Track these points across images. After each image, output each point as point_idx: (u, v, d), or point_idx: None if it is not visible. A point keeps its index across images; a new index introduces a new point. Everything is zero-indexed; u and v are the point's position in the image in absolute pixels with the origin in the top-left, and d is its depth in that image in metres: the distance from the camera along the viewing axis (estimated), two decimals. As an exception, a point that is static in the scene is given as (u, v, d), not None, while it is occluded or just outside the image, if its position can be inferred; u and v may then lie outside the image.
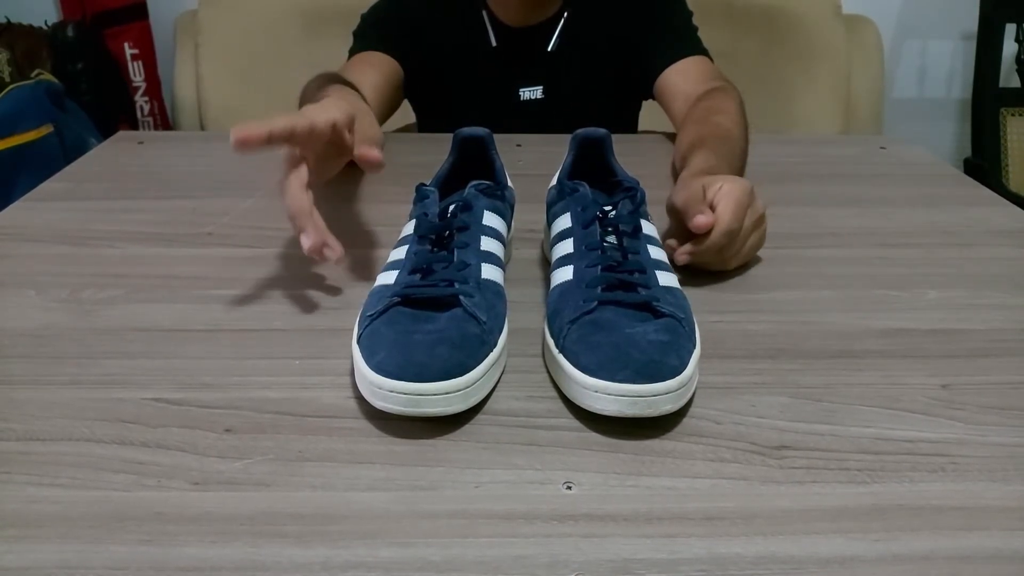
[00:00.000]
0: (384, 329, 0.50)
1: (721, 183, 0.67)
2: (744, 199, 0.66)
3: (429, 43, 1.08)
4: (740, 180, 0.68)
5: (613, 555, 0.40)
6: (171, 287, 0.65)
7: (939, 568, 0.40)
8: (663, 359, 0.48)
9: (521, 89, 1.11)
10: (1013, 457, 0.47)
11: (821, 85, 1.75)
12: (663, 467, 0.46)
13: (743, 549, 0.40)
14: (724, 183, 0.67)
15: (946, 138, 2.16)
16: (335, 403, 0.51)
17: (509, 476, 0.45)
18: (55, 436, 0.48)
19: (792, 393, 0.53)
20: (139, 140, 1.03)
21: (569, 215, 0.60)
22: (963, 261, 0.73)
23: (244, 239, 0.74)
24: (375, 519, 0.42)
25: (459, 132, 0.69)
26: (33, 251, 0.72)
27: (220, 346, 0.57)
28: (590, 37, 1.09)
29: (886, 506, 0.43)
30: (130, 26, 1.86)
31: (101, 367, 0.55)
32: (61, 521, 0.41)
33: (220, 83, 1.71)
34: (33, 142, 1.56)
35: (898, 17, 2.04)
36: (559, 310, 0.54)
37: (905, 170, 0.97)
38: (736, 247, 0.67)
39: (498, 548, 0.40)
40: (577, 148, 0.68)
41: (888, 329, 0.61)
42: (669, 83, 1.04)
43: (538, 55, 1.09)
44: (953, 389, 0.54)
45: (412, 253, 0.56)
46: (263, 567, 0.39)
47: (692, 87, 1.01)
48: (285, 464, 0.46)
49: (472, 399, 0.49)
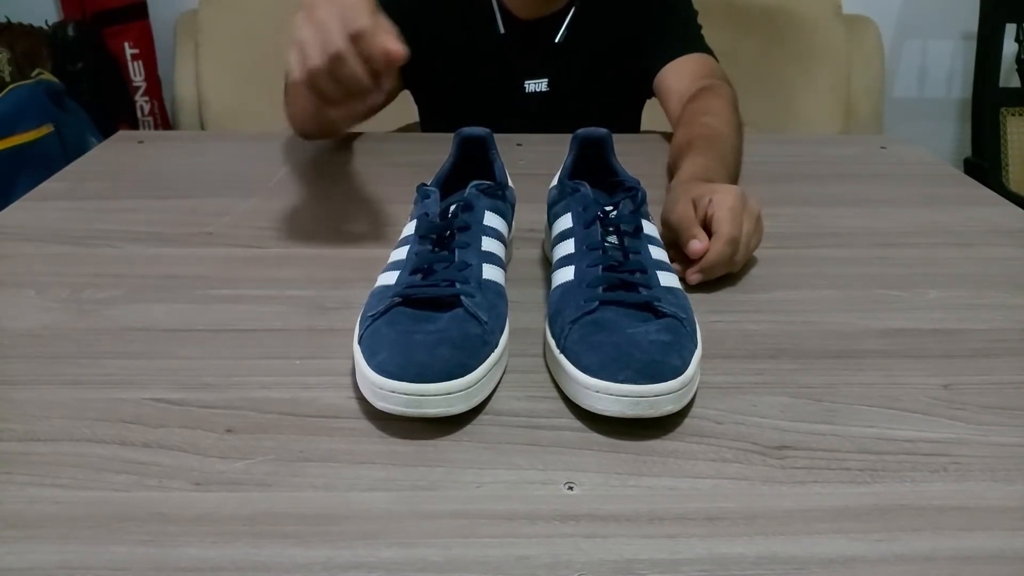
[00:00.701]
0: (385, 329, 0.50)
1: (710, 195, 0.67)
2: (737, 205, 0.66)
3: (435, 34, 1.08)
4: (729, 188, 0.68)
5: (615, 555, 0.40)
6: (171, 287, 0.65)
7: (941, 568, 0.40)
8: (664, 359, 0.48)
9: (527, 82, 1.11)
10: (1014, 457, 0.47)
11: (821, 85, 1.75)
12: (664, 467, 0.46)
13: (745, 549, 0.40)
14: (714, 195, 0.67)
15: (946, 138, 2.16)
16: (336, 403, 0.51)
17: (510, 476, 0.45)
18: (55, 436, 0.48)
19: (793, 393, 0.53)
20: (139, 140, 1.02)
21: (570, 215, 0.60)
22: (963, 261, 0.73)
23: (244, 239, 0.74)
24: (376, 519, 0.42)
25: (460, 132, 0.69)
26: (33, 251, 0.72)
27: (220, 346, 0.57)
28: (597, 32, 1.09)
29: (887, 506, 0.43)
30: (130, 26, 1.86)
31: (101, 367, 0.54)
32: (61, 521, 0.41)
33: (220, 83, 1.71)
34: (33, 142, 1.56)
35: (898, 17, 2.04)
36: (560, 310, 0.54)
37: (905, 170, 0.97)
38: (740, 253, 0.67)
39: (499, 548, 0.40)
40: (578, 148, 0.68)
41: (889, 329, 0.61)
42: (665, 82, 1.05)
43: (544, 47, 1.09)
44: (954, 389, 0.54)
45: (413, 253, 0.56)
46: (264, 567, 0.39)
47: (686, 86, 1.01)
48: (286, 464, 0.46)
49: (473, 399, 0.49)
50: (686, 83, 1.01)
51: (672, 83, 1.03)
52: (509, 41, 1.08)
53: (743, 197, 0.67)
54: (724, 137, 0.88)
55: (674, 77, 1.04)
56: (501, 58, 1.09)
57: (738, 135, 0.90)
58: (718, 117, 0.91)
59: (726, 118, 0.92)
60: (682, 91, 1.00)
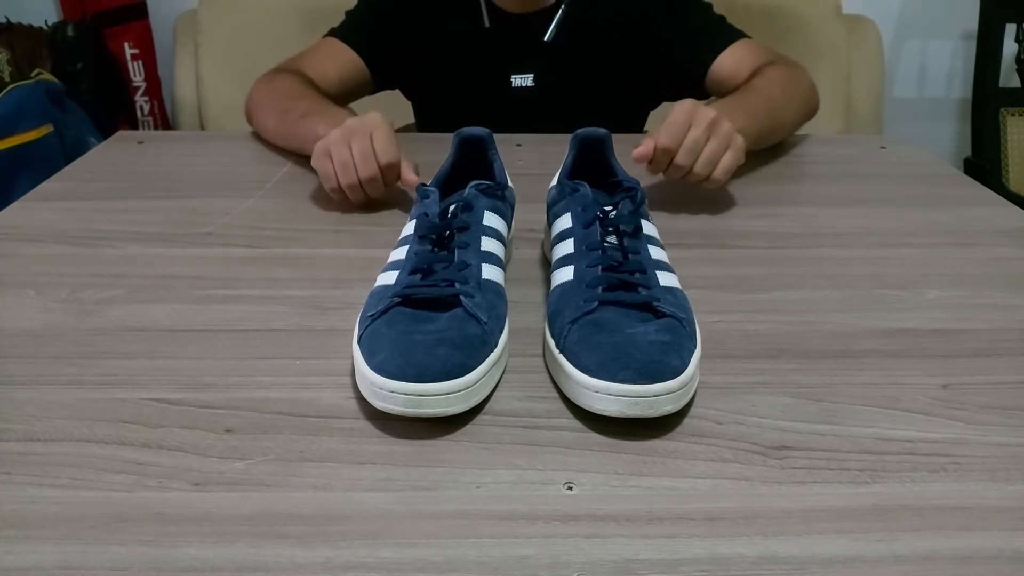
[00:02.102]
0: (384, 329, 0.50)
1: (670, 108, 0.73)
2: (679, 116, 0.72)
3: (420, 27, 1.09)
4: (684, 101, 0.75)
5: (614, 555, 0.40)
6: (171, 287, 0.65)
7: (940, 568, 0.40)
8: (664, 359, 0.48)
9: (513, 75, 1.11)
10: (1014, 457, 0.47)
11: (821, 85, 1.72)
12: (664, 467, 0.46)
13: (744, 549, 0.40)
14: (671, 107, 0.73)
15: (946, 138, 2.16)
16: (336, 403, 0.51)
17: (510, 476, 0.45)
18: (55, 436, 0.48)
19: (793, 393, 0.53)
20: (139, 140, 1.02)
21: (569, 215, 0.60)
22: (963, 261, 0.73)
23: (244, 239, 0.74)
24: (376, 519, 0.42)
25: (460, 132, 0.69)
26: (33, 251, 0.72)
27: (220, 346, 0.57)
28: (590, 31, 1.09)
29: (887, 506, 0.43)
30: (130, 26, 1.86)
31: (101, 367, 0.54)
32: (61, 521, 0.41)
33: (220, 83, 1.71)
34: (33, 142, 1.56)
35: (898, 17, 2.03)
36: (560, 310, 0.54)
37: (905, 170, 0.97)
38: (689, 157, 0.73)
39: (499, 548, 0.40)
40: (577, 148, 0.68)
41: (888, 329, 0.61)
42: (722, 72, 1.02)
43: (532, 43, 1.09)
44: (954, 389, 0.54)
45: (412, 253, 0.56)
46: (264, 568, 0.39)
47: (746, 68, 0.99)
48: (286, 464, 0.46)
49: (473, 399, 0.49)
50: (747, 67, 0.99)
51: (732, 71, 1.01)
52: (494, 35, 1.09)
53: (691, 109, 0.73)
54: (763, 93, 0.89)
55: (728, 68, 1.02)
56: (486, 51, 1.09)
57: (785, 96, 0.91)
58: (769, 81, 0.92)
59: (780, 82, 0.92)
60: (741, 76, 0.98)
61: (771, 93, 0.90)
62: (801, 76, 0.98)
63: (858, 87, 1.77)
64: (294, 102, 0.93)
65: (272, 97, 0.96)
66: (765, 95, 0.90)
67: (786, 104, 0.92)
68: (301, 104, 0.92)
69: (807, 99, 0.97)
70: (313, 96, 0.94)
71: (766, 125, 0.88)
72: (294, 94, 0.95)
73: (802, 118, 0.97)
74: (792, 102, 0.94)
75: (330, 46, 1.07)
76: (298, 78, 0.98)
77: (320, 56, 1.06)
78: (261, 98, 0.98)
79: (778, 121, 0.91)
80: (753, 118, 0.85)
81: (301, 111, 0.90)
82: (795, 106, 0.94)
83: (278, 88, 0.97)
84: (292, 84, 0.97)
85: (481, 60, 1.10)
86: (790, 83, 0.95)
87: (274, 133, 0.96)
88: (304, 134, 0.86)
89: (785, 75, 0.95)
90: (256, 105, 0.99)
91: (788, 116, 0.93)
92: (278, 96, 0.96)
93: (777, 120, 0.91)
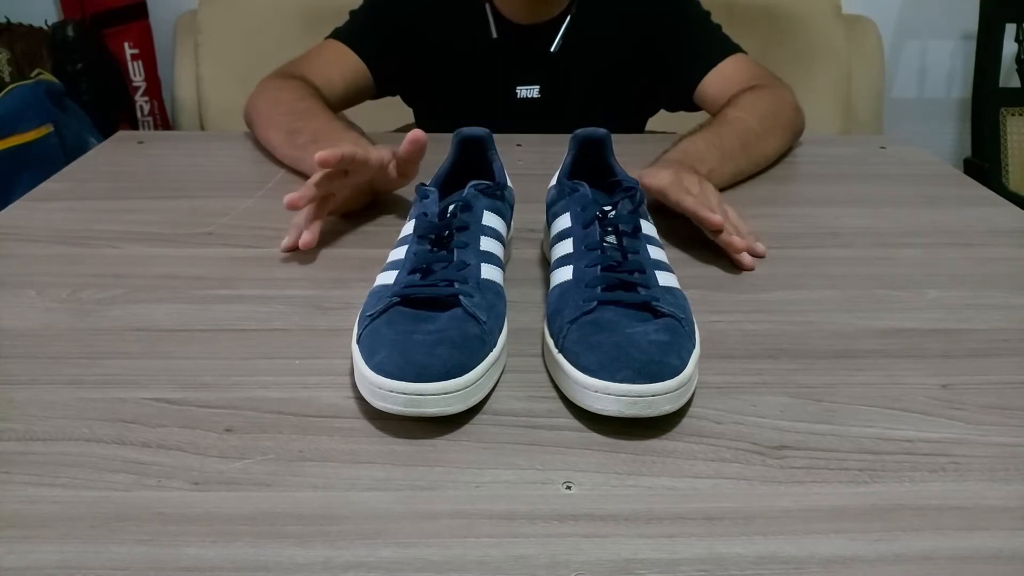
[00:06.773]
0: (384, 329, 0.50)
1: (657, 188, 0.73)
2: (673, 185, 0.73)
3: (426, 36, 1.08)
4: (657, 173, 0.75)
5: (613, 555, 0.40)
6: (171, 287, 0.65)
7: (940, 568, 0.40)
8: (663, 359, 0.48)
9: (519, 87, 1.10)
10: (1014, 457, 0.47)
11: (821, 85, 1.74)
12: (663, 467, 0.46)
13: (744, 549, 0.40)
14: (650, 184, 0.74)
15: (946, 138, 2.16)
16: (335, 403, 0.51)
17: (509, 476, 0.45)
18: (55, 436, 0.48)
19: (792, 393, 0.53)
20: (139, 140, 1.02)
21: (569, 215, 0.60)
22: (963, 261, 0.73)
23: (244, 239, 0.74)
24: (375, 519, 0.42)
25: (459, 132, 0.69)
26: (33, 251, 0.72)
27: (220, 346, 0.57)
28: (596, 42, 1.08)
29: (887, 506, 0.43)
30: (130, 26, 1.86)
31: (101, 367, 0.54)
32: (61, 521, 0.41)
33: (220, 83, 1.71)
34: (33, 142, 1.56)
35: (898, 17, 2.04)
36: (559, 310, 0.54)
37: (905, 170, 0.97)
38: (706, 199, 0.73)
39: (498, 548, 0.40)
40: (577, 148, 0.68)
41: (888, 329, 0.61)
42: (709, 91, 1.03)
43: (539, 54, 1.08)
44: (953, 389, 0.54)
45: (412, 253, 0.56)
46: (264, 567, 0.39)
47: (731, 89, 0.99)
48: (285, 464, 0.46)
49: (472, 399, 0.49)
50: (733, 86, 0.99)
51: (718, 90, 1.01)
52: (501, 46, 1.08)
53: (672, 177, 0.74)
54: (736, 123, 0.88)
55: (719, 84, 1.02)
56: (492, 62, 1.09)
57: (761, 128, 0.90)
58: (745, 111, 0.91)
59: (758, 112, 0.92)
60: (727, 95, 0.99)
61: (748, 126, 0.89)
62: (783, 99, 0.97)
63: (858, 87, 1.78)
64: (304, 121, 0.88)
65: (279, 111, 0.93)
66: (742, 128, 0.89)
67: (765, 134, 0.91)
68: (311, 125, 0.87)
69: (789, 123, 0.96)
70: (321, 114, 0.90)
71: (743, 161, 0.88)
72: (301, 110, 0.91)
73: (786, 143, 0.96)
74: (772, 131, 0.93)
75: (335, 50, 1.05)
76: (304, 88, 0.96)
77: (325, 61, 1.04)
78: (266, 108, 0.95)
79: (756, 154, 0.90)
80: (729, 156, 0.85)
81: (310, 134, 0.85)
82: (776, 134, 0.93)
83: (284, 101, 0.93)
84: (298, 96, 0.93)
85: (487, 71, 1.09)
86: (770, 110, 0.94)
87: (281, 153, 0.91)
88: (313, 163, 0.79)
89: (765, 102, 0.95)
90: (259, 115, 0.96)
91: (768, 147, 0.92)
92: (285, 111, 0.92)
93: (755, 154, 0.89)
